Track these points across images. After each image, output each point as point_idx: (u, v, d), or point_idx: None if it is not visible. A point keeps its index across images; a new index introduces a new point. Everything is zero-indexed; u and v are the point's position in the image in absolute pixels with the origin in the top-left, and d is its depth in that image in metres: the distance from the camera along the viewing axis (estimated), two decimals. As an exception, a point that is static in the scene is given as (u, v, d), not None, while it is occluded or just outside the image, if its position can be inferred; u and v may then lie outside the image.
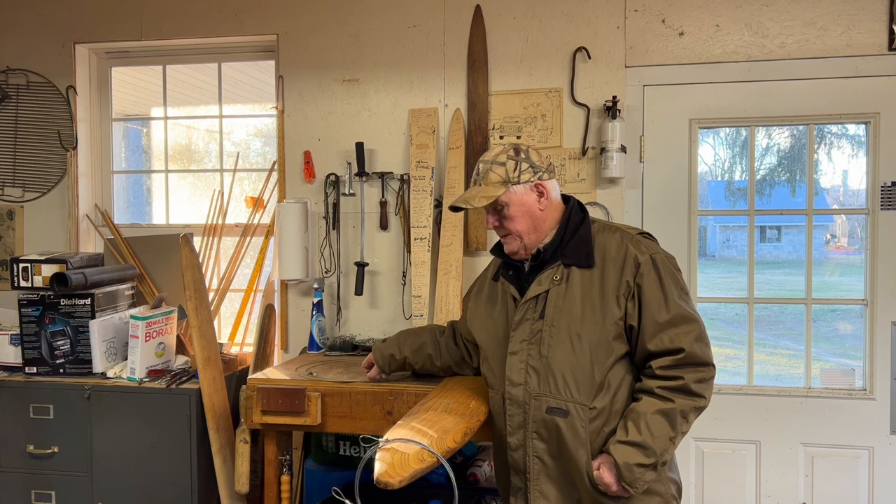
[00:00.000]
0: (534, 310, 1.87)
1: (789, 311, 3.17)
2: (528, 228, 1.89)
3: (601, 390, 1.80)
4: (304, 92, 3.13)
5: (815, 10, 2.77)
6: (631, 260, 1.82)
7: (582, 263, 1.85)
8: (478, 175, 1.89)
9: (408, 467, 1.59)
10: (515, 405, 1.86)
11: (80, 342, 2.86)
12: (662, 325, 1.78)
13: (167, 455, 2.70)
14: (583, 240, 1.88)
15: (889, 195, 2.76)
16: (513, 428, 1.87)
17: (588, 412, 1.79)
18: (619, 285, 1.81)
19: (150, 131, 3.62)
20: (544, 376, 1.82)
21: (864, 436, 2.79)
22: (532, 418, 1.83)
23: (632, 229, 1.93)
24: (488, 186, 1.86)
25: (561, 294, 1.84)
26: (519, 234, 1.89)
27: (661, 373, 1.78)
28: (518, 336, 1.87)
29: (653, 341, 1.79)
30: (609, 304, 1.81)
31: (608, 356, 1.81)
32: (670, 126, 2.89)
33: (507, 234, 1.91)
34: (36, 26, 3.35)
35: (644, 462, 1.74)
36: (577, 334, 1.81)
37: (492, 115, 2.97)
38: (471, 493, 2.64)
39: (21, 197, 3.40)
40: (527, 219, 1.88)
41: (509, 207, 1.87)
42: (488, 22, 2.97)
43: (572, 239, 1.89)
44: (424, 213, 2.94)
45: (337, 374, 2.51)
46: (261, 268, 3.25)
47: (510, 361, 1.87)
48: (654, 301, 1.79)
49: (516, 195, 1.87)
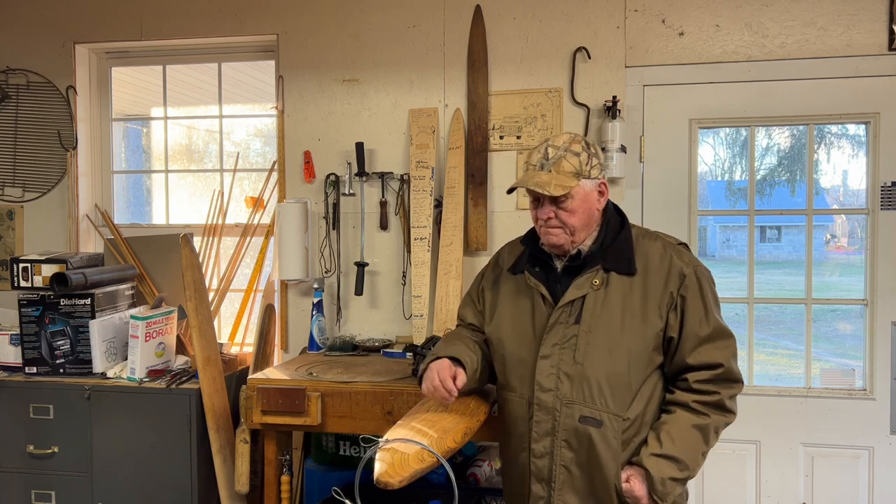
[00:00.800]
0: (568, 313, 1.79)
1: (789, 311, 3.18)
2: (581, 225, 1.80)
3: (635, 401, 1.76)
4: (304, 92, 3.13)
5: (815, 10, 2.77)
6: (676, 271, 1.78)
7: (623, 270, 1.79)
8: (547, 160, 1.77)
9: (408, 467, 1.59)
10: (544, 411, 1.78)
11: (80, 342, 2.86)
12: (703, 339, 1.76)
13: (167, 455, 2.70)
14: (625, 245, 1.82)
15: (889, 195, 2.76)
16: (539, 434, 1.79)
17: (621, 423, 1.75)
18: (662, 296, 1.76)
19: (150, 131, 3.62)
20: (578, 383, 1.75)
21: (864, 436, 2.79)
22: (562, 426, 1.76)
23: (670, 238, 1.88)
24: (561, 175, 1.75)
25: (599, 300, 1.78)
26: (572, 230, 1.79)
27: (697, 387, 1.75)
28: (550, 339, 1.79)
29: (692, 355, 1.76)
30: (650, 314, 1.76)
31: (647, 367, 1.77)
32: (670, 126, 2.89)
33: (557, 226, 1.79)
34: (36, 26, 3.35)
35: (677, 476, 1.72)
36: (616, 342, 1.75)
37: (492, 115, 2.97)
38: (471, 493, 2.64)
39: (21, 197, 3.40)
40: (584, 216, 1.79)
41: (573, 201, 1.77)
42: (488, 22, 2.97)
43: (613, 243, 1.82)
44: (424, 213, 2.94)
45: (337, 374, 2.51)
46: (261, 268, 3.25)
47: (541, 365, 1.79)
48: (695, 314, 1.76)
49: (583, 190, 1.78)
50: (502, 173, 2.98)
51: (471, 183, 2.95)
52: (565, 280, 1.83)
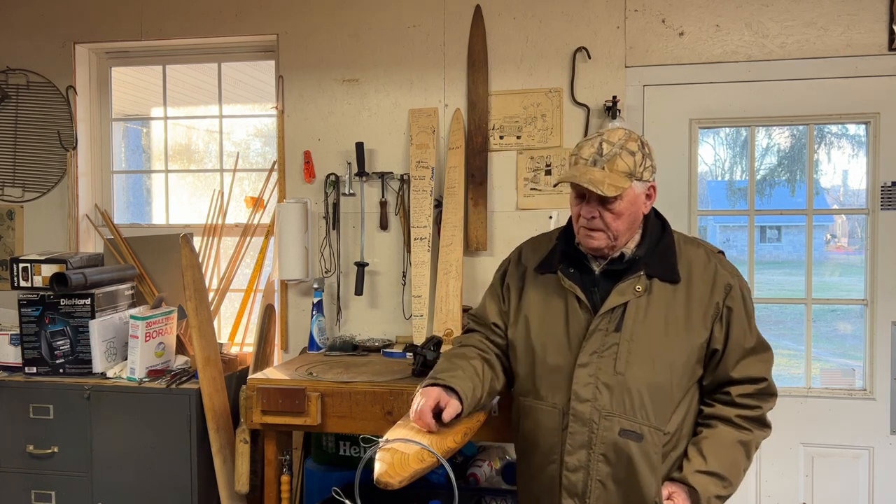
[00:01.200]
0: (608, 320, 1.69)
1: (789, 311, 3.17)
2: (626, 228, 1.70)
3: (674, 414, 1.70)
4: (304, 92, 3.13)
5: (815, 10, 2.77)
6: (721, 281, 1.71)
7: (667, 277, 1.71)
8: (600, 156, 1.65)
9: (408, 467, 1.58)
10: (580, 423, 1.68)
11: (80, 342, 2.86)
12: (747, 351, 1.71)
13: (167, 455, 2.70)
14: (668, 250, 1.74)
15: (889, 195, 2.76)
16: (573, 447, 1.68)
17: (662, 437, 1.68)
18: (707, 306, 1.69)
19: (150, 131, 3.62)
20: (618, 395, 1.66)
21: (864, 436, 2.79)
22: (600, 439, 1.67)
23: (710, 245, 1.82)
24: (614, 174, 1.64)
25: (642, 307, 1.69)
26: (615, 234, 1.69)
27: (740, 401, 1.71)
28: (589, 347, 1.69)
29: (736, 368, 1.71)
30: (695, 324, 1.69)
31: (690, 379, 1.71)
32: (670, 126, 2.89)
33: (599, 228, 1.68)
34: (36, 26, 3.34)
35: (722, 494, 1.67)
36: (659, 352, 1.67)
37: (492, 115, 2.97)
38: (471, 493, 2.64)
39: (21, 197, 3.40)
40: (630, 218, 1.69)
41: (621, 203, 1.66)
42: (488, 22, 2.97)
43: (656, 247, 1.74)
44: (424, 213, 2.94)
45: (337, 374, 2.51)
46: (261, 268, 3.25)
47: (578, 374, 1.68)
48: (741, 326, 1.71)
49: (633, 192, 1.67)
50: (502, 173, 2.98)
51: (471, 183, 2.95)
52: (603, 283, 1.73)
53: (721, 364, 1.72)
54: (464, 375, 1.73)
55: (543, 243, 1.89)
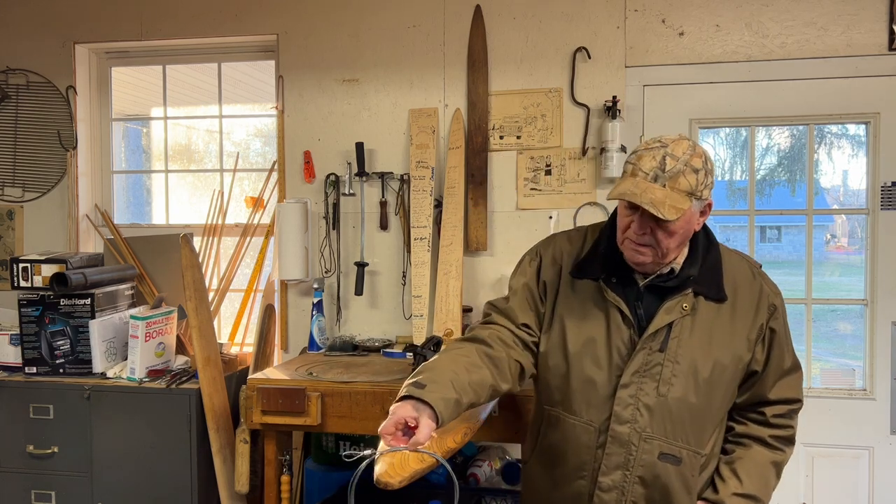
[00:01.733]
0: (652, 338, 1.61)
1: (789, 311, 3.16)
2: (676, 246, 1.59)
3: (711, 435, 1.67)
4: (304, 92, 3.13)
5: (815, 10, 2.76)
6: (766, 301, 1.66)
7: (713, 295, 1.63)
8: (663, 171, 1.51)
9: (408, 467, 1.58)
10: (618, 444, 1.61)
11: (80, 342, 2.86)
12: (785, 371, 1.68)
13: (167, 455, 2.70)
14: (715, 267, 1.65)
15: (889, 195, 2.76)
16: (609, 468, 1.62)
17: (699, 459, 1.64)
18: (751, 327, 1.64)
19: (150, 131, 3.62)
20: (659, 417, 1.60)
21: (864, 436, 2.79)
22: (638, 461, 1.61)
23: (752, 259, 1.76)
24: (675, 192, 1.51)
25: (686, 327, 1.61)
26: (665, 251, 1.57)
27: (775, 421, 1.68)
28: (632, 366, 1.61)
29: (774, 389, 1.68)
30: (739, 346, 1.63)
31: (730, 401, 1.67)
32: (670, 126, 2.89)
33: (648, 244, 1.57)
34: (36, 26, 3.34)
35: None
36: (703, 375, 1.61)
37: (492, 115, 2.97)
38: (471, 493, 2.64)
39: (21, 197, 3.40)
40: (682, 237, 1.59)
41: (676, 223, 1.53)
42: (488, 22, 2.97)
43: (703, 264, 1.64)
44: (424, 213, 2.94)
45: (337, 374, 2.51)
46: (261, 268, 3.25)
47: (620, 395, 1.61)
48: (781, 347, 1.67)
49: (691, 211, 1.55)
50: (502, 173, 2.97)
51: (471, 183, 2.95)
52: (648, 298, 1.64)
53: (758, 385, 1.68)
54: (448, 385, 1.52)
55: (576, 243, 1.75)
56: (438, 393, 1.49)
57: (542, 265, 1.76)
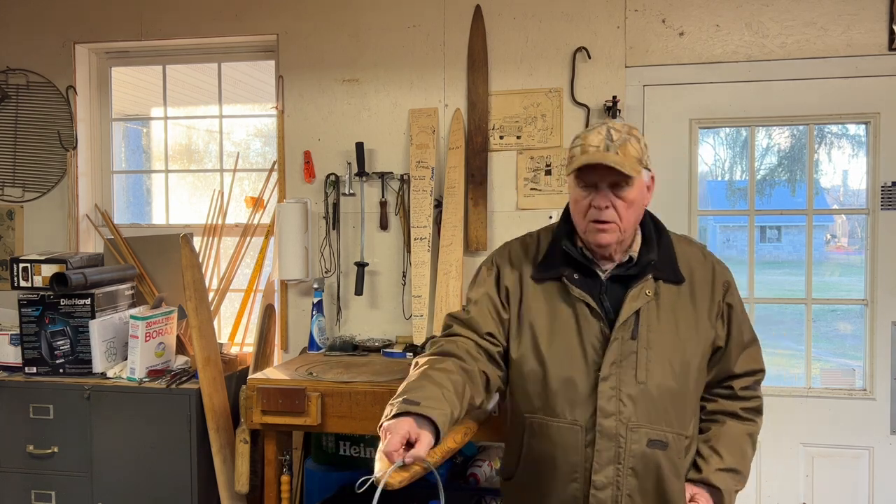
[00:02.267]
0: (623, 327, 1.63)
1: (789, 311, 3.17)
2: (633, 221, 1.64)
3: (691, 416, 1.69)
4: (304, 92, 3.13)
5: (815, 10, 2.76)
6: (719, 278, 1.71)
7: (671, 278, 1.67)
8: (612, 141, 1.56)
9: (408, 468, 1.58)
10: (606, 438, 1.60)
11: (80, 342, 2.86)
12: (746, 344, 1.73)
13: (167, 455, 2.70)
14: (669, 250, 1.70)
15: (889, 195, 2.76)
16: (601, 464, 1.61)
17: (683, 441, 1.66)
18: (711, 305, 1.68)
19: (150, 131, 3.62)
20: (642, 404, 1.61)
21: (864, 436, 2.79)
22: (629, 453, 1.61)
23: (697, 241, 1.83)
24: (627, 158, 1.55)
25: (654, 313, 1.64)
26: (626, 226, 1.61)
27: (742, 394, 1.72)
28: (609, 358, 1.61)
29: (738, 363, 1.72)
30: (703, 324, 1.67)
31: (704, 379, 1.71)
32: (670, 126, 2.89)
33: (612, 220, 1.60)
34: (36, 26, 3.34)
35: (739, 487, 1.69)
36: (676, 357, 1.64)
37: (492, 115, 2.97)
38: (471, 493, 2.64)
39: (21, 197, 3.40)
40: (638, 210, 1.63)
41: (633, 190, 1.58)
42: (488, 22, 2.97)
43: (659, 248, 1.69)
44: (424, 213, 2.94)
45: (337, 374, 2.51)
46: (261, 268, 3.25)
47: (602, 388, 1.61)
48: (739, 321, 1.72)
49: (642, 180, 1.61)
50: (502, 173, 2.97)
51: (471, 183, 2.95)
52: (612, 289, 1.66)
53: (724, 360, 1.72)
54: (441, 398, 1.52)
55: (532, 247, 1.78)
56: (437, 409, 1.49)
57: (500, 273, 1.77)
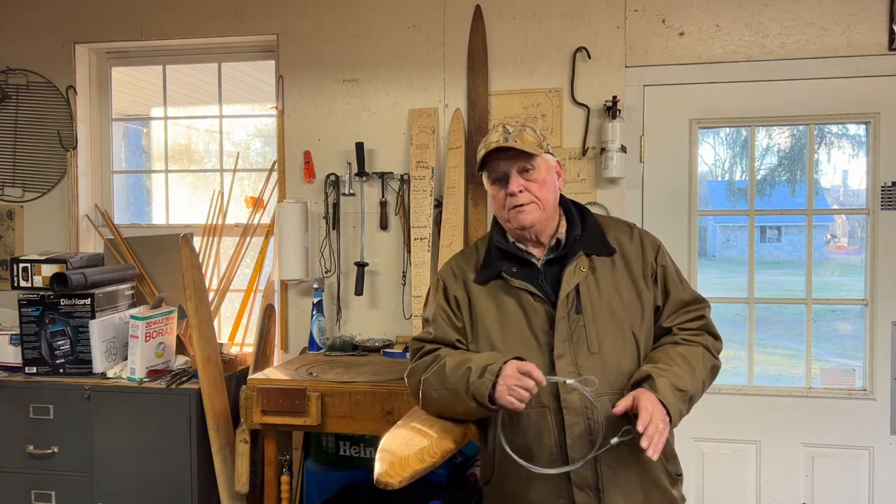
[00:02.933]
0: (566, 303, 1.72)
1: (789, 312, 3.17)
2: (551, 202, 1.77)
3: None
4: (304, 92, 3.13)
5: (815, 10, 2.76)
6: (649, 242, 1.82)
7: (603, 251, 1.78)
8: (508, 133, 1.73)
9: (408, 467, 1.59)
10: (574, 413, 1.67)
11: (80, 342, 2.86)
12: (686, 302, 1.80)
13: (167, 455, 2.70)
14: (595, 228, 1.82)
15: (889, 195, 2.76)
16: (573, 440, 1.67)
17: None
18: (644, 268, 1.78)
19: (150, 131, 3.62)
20: (600, 373, 1.67)
21: (864, 436, 2.79)
22: (598, 423, 1.66)
23: (624, 220, 1.94)
24: (526, 143, 1.73)
25: (593, 286, 1.74)
26: (545, 203, 1.75)
27: (683, 331, 1.77)
28: (559, 336, 1.70)
29: (674, 317, 1.78)
30: (641, 288, 1.77)
31: (651, 340, 1.78)
32: (670, 126, 2.89)
33: (530, 201, 1.74)
34: (36, 26, 3.34)
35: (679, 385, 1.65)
36: (622, 323, 1.73)
37: (492, 115, 2.97)
38: (471, 493, 2.64)
39: (21, 197, 3.40)
40: (551, 190, 1.77)
41: (539, 171, 1.74)
42: (488, 22, 2.97)
43: (584, 228, 1.81)
44: (424, 213, 2.94)
45: (337, 374, 2.51)
46: (261, 268, 3.25)
47: (559, 366, 1.68)
48: (675, 281, 1.81)
49: (546, 162, 1.77)
50: (502, 173, 2.97)
51: (471, 183, 2.95)
52: (549, 273, 1.77)
53: (661, 317, 1.79)
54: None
55: (471, 255, 1.90)
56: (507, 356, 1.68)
57: (447, 286, 1.88)
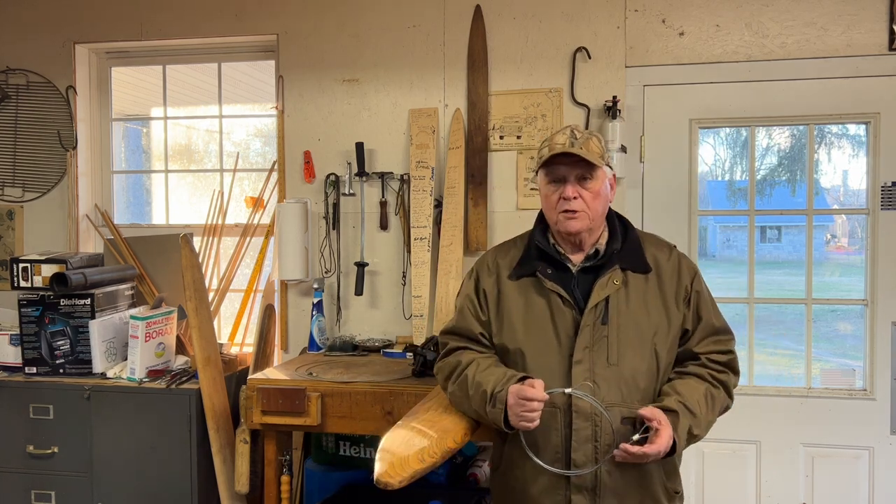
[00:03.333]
0: (594, 314, 1.76)
1: (789, 312, 3.17)
2: (600, 213, 1.81)
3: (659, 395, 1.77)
4: (304, 92, 3.13)
5: (815, 10, 2.76)
6: (686, 267, 1.85)
7: (639, 268, 1.81)
8: (575, 139, 1.76)
9: (408, 467, 1.59)
10: (583, 417, 1.72)
11: (80, 342, 2.86)
12: (717, 330, 1.83)
13: (167, 455, 2.70)
14: (635, 244, 1.85)
15: (889, 195, 2.76)
16: (579, 443, 1.72)
17: None
18: (678, 291, 1.81)
19: (150, 131, 3.62)
20: (615, 385, 1.72)
21: (864, 436, 2.78)
22: (604, 430, 1.71)
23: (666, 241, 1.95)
24: (591, 152, 1.75)
25: (623, 299, 1.78)
26: (594, 215, 1.78)
27: (711, 364, 1.80)
28: (581, 343, 1.74)
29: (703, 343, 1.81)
30: (671, 308, 1.80)
31: (673, 360, 1.81)
32: (670, 126, 2.89)
33: (580, 209, 1.76)
34: (36, 26, 3.34)
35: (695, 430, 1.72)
36: (645, 340, 1.76)
37: (492, 115, 2.97)
38: (471, 493, 2.64)
39: (21, 197, 3.40)
40: (602, 203, 1.80)
41: (597, 182, 1.77)
42: (488, 22, 2.97)
43: (625, 242, 1.84)
44: (424, 213, 2.94)
45: (337, 374, 2.51)
46: (261, 268, 3.25)
47: (576, 371, 1.73)
48: (708, 308, 1.84)
49: (604, 174, 1.80)
50: (502, 173, 2.97)
51: (471, 183, 2.95)
52: (582, 281, 1.81)
53: (689, 341, 1.81)
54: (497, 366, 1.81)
55: (510, 249, 1.94)
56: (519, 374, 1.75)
57: (479, 278, 1.93)
